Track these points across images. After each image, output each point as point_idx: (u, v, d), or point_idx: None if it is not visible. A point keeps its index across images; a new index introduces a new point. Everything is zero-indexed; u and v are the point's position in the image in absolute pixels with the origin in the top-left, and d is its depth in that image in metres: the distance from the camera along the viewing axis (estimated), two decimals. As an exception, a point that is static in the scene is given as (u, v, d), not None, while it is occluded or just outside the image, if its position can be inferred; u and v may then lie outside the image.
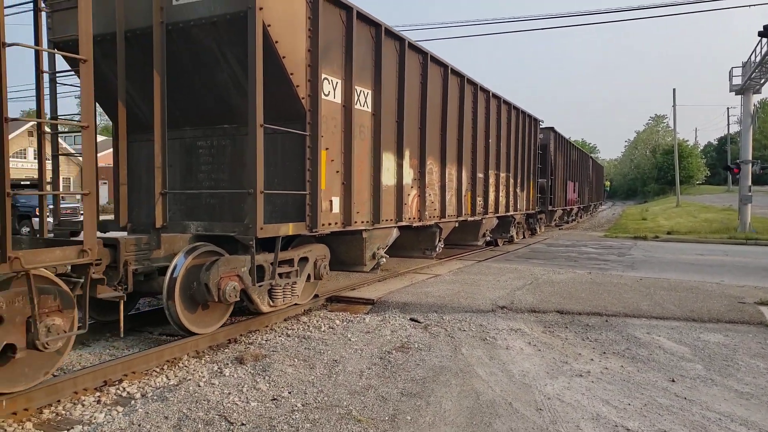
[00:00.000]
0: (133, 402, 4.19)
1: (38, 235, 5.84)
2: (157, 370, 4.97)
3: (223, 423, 3.77)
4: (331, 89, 6.82)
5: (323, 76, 6.59)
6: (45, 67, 6.14)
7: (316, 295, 7.50)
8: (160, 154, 6.05)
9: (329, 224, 6.88)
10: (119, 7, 6.10)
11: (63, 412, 4.05)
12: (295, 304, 6.99)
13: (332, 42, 6.80)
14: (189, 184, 6.96)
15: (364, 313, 7.21)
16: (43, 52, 6.01)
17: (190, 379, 4.64)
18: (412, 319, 6.77)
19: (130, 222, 6.71)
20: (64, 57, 5.50)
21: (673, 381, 4.71)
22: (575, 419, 3.90)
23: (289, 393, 4.32)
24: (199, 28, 5.91)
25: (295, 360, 5.14)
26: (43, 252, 3.96)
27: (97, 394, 4.37)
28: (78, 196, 27.50)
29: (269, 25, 5.69)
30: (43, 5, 6.09)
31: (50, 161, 6.66)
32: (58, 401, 4.19)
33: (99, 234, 5.46)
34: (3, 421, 3.81)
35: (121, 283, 5.28)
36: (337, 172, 7.04)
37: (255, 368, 4.89)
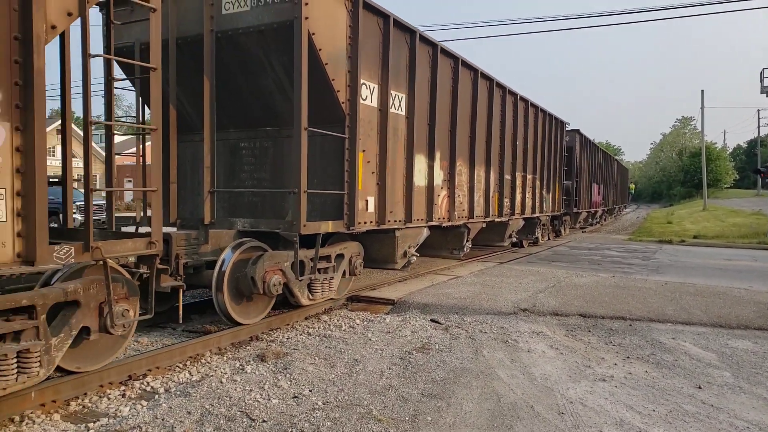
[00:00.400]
0: (156, 396, 4.25)
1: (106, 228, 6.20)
2: (180, 365, 5.04)
3: (244, 419, 3.80)
4: (369, 93, 7.05)
5: (361, 81, 6.82)
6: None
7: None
8: (209, 154, 6.46)
9: (365, 223, 7.11)
10: (171, 16, 6.42)
11: (89, 404, 4.13)
12: (331, 299, 7.26)
13: (370, 48, 7.05)
14: (232, 183, 7.25)
15: (385, 313, 7.22)
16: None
17: (212, 376, 4.69)
18: (432, 320, 6.75)
19: (179, 218, 7.02)
20: (124, 63, 5.68)
21: (700, 388, 4.62)
22: (598, 424, 3.85)
23: (310, 391, 4.34)
24: (246, 36, 6.21)
25: (316, 358, 5.17)
26: (118, 243, 4.29)
27: (122, 387, 4.45)
28: (103, 193, 28.10)
29: (314, 34, 5.95)
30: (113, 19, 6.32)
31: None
32: (85, 394, 4.27)
33: (148, 229, 5.94)
34: (32, 413, 3.90)
35: (173, 275, 5.55)
36: (373, 173, 7.25)
37: (276, 366, 4.92)
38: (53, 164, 38.23)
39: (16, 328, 3.65)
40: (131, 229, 6.71)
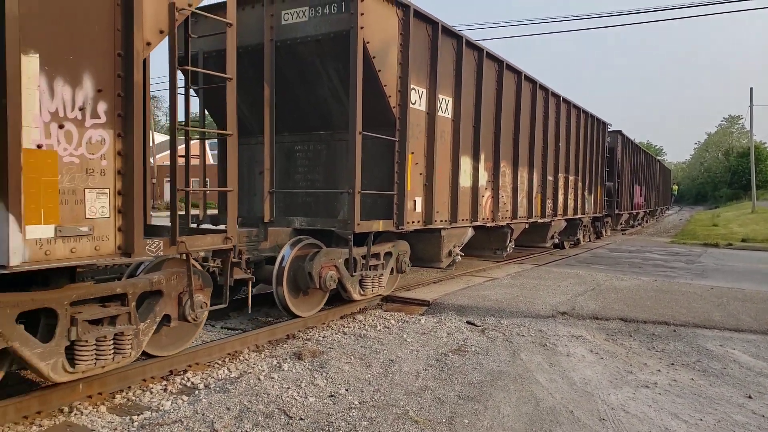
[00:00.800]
0: (197, 392, 4.34)
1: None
2: (219, 362, 5.13)
3: (282, 417, 3.84)
4: (417, 98, 7.23)
5: (411, 86, 7.01)
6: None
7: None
8: (269, 157, 6.77)
9: (413, 222, 7.30)
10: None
11: (133, 398, 4.24)
12: (378, 295, 7.49)
13: (419, 54, 7.23)
14: (287, 184, 7.50)
15: (420, 314, 7.19)
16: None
17: (250, 373, 4.76)
18: (468, 322, 6.69)
19: (238, 216, 7.23)
20: (188, 72, 5.94)
21: (750, 397, 4.43)
22: (641, 432, 3.74)
23: (346, 390, 4.36)
24: (304, 45, 6.49)
25: (352, 358, 5.18)
26: (199, 238, 4.68)
27: (164, 382, 4.55)
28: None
29: (368, 42, 6.18)
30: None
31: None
32: (129, 387, 4.39)
33: (210, 226, 6.53)
34: (80, 404, 4.03)
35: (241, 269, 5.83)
36: (420, 174, 7.42)
37: (313, 364, 4.96)
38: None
39: (112, 313, 4.08)
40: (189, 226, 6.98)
